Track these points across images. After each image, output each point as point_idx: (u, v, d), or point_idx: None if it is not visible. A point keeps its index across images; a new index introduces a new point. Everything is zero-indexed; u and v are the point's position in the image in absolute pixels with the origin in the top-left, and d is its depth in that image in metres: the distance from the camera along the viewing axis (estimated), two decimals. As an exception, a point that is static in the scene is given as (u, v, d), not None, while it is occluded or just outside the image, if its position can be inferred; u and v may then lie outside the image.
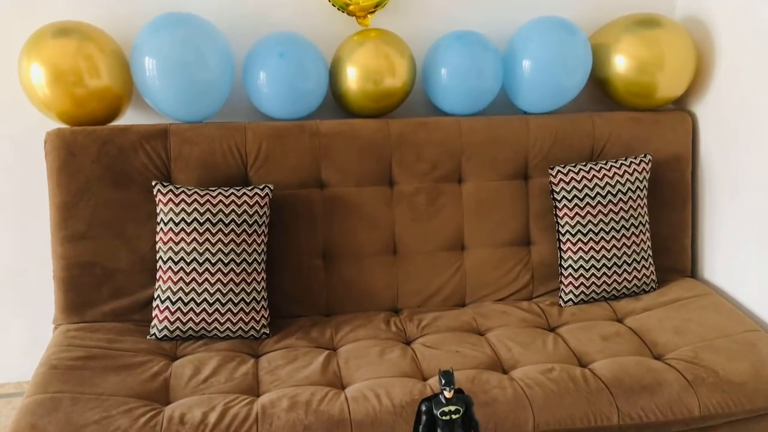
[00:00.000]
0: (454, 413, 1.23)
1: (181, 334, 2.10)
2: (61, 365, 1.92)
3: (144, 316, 2.17)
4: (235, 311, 2.10)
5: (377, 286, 2.35)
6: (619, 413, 1.87)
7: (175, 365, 2.00)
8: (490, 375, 1.95)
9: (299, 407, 1.81)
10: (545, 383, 1.91)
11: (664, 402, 1.89)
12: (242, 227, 2.11)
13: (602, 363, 2.01)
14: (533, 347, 2.11)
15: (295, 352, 2.09)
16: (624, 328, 2.22)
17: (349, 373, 2.00)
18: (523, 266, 2.43)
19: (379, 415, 1.80)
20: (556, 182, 2.32)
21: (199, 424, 1.74)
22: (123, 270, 2.17)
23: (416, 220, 2.36)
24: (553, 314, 2.32)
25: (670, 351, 2.07)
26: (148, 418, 1.75)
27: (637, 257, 2.34)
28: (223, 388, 1.90)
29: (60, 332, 2.09)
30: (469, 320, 2.28)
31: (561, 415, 1.85)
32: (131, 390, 1.86)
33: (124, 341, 2.07)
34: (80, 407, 1.76)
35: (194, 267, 2.07)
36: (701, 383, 1.92)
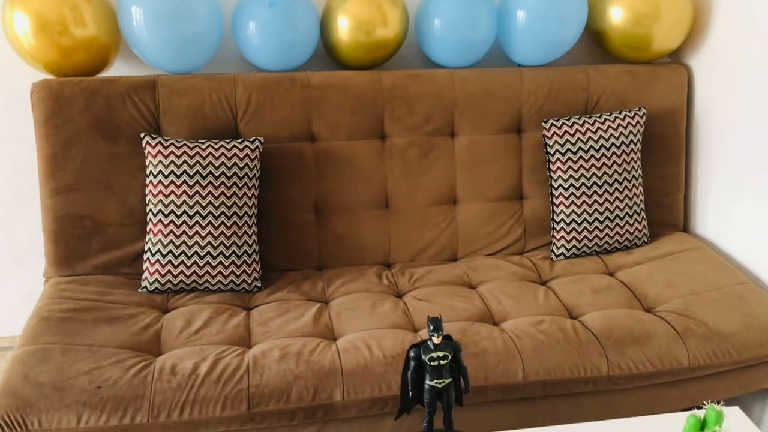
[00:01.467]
0: (443, 359, 1.23)
1: (173, 287, 2.10)
2: (52, 317, 1.92)
3: (135, 269, 2.17)
4: (227, 264, 2.09)
5: (369, 240, 2.35)
6: (609, 364, 1.88)
7: (166, 317, 2.00)
8: (480, 327, 1.96)
9: (290, 358, 1.81)
10: (535, 335, 1.92)
11: (654, 353, 1.90)
12: (232, 180, 2.09)
13: (593, 315, 2.02)
14: (524, 300, 2.11)
15: (287, 304, 2.09)
16: (615, 281, 2.22)
17: (340, 325, 2.00)
18: (515, 221, 2.42)
19: (369, 365, 1.81)
20: (550, 136, 2.30)
21: (191, 374, 1.75)
22: (113, 223, 2.16)
23: (408, 174, 2.34)
24: (544, 268, 2.32)
25: (661, 303, 2.08)
26: (139, 369, 1.75)
27: (630, 211, 2.34)
28: (214, 339, 1.91)
29: (51, 285, 2.09)
30: (461, 274, 2.29)
31: (551, 366, 1.86)
32: (122, 341, 1.86)
33: (114, 294, 2.07)
34: (71, 358, 1.76)
35: (184, 220, 2.06)
36: (691, 335, 1.94)
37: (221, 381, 1.74)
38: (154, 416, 1.69)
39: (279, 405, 1.75)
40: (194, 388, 1.72)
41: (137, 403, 1.69)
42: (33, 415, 1.65)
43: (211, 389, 1.73)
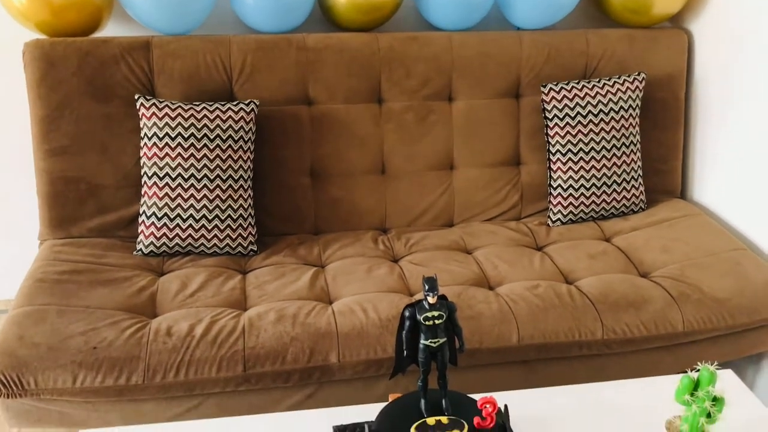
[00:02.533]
0: (437, 318, 1.23)
1: (168, 250, 2.09)
2: (48, 279, 1.91)
3: (130, 232, 2.16)
4: (222, 228, 2.09)
5: (365, 205, 2.34)
6: (604, 328, 1.89)
7: (161, 280, 2.00)
8: (476, 291, 1.96)
9: (286, 320, 1.81)
10: (531, 299, 1.92)
11: (649, 317, 1.91)
12: (227, 143, 2.07)
13: (588, 280, 2.03)
14: (520, 265, 2.11)
15: (283, 268, 2.08)
16: (611, 247, 2.22)
17: (336, 288, 2.00)
18: (512, 186, 2.41)
19: (365, 328, 1.82)
20: (548, 100, 2.28)
21: (186, 336, 1.75)
22: (108, 185, 2.14)
23: (405, 138, 2.32)
24: (540, 234, 2.32)
25: (657, 269, 2.08)
26: (135, 330, 1.75)
27: (627, 177, 2.33)
28: (210, 302, 1.91)
29: (46, 247, 2.08)
30: (457, 239, 2.28)
31: (546, 330, 1.87)
32: (117, 303, 1.86)
33: (110, 256, 2.06)
34: (66, 319, 1.76)
35: (179, 183, 2.05)
36: (686, 300, 1.94)
37: (217, 342, 1.74)
38: (150, 377, 1.70)
39: (274, 366, 1.75)
40: (190, 350, 1.72)
41: (133, 364, 1.70)
42: (29, 374, 1.66)
43: (207, 351, 1.73)
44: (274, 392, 1.81)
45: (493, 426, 1.25)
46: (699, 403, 1.25)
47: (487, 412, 1.24)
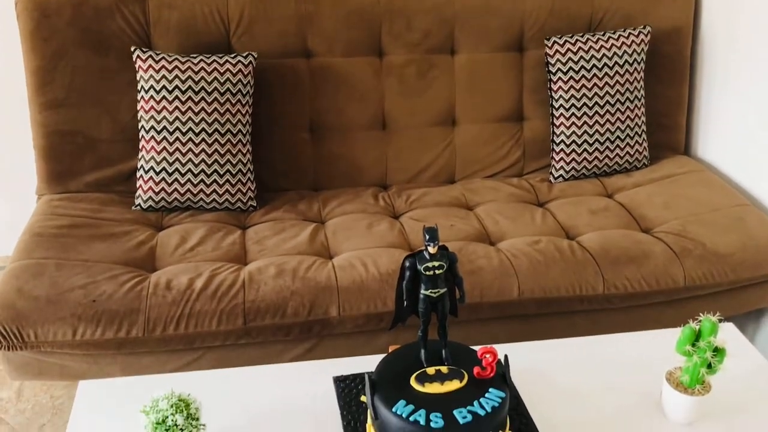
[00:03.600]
0: (438, 269, 1.22)
1: (167, 204, 2.07)
2: (46, 233, 1.90)
3: (128, 187, 2.14)
4: (221, 182, 2.07)
5: (365, 161, 2.31)
6: (605, 283, 1.88)
7: (160, 235, 1.99)
8: (476, 246, 1.95)
9: (286, 274, 1.81)
10: (531, 254, 1.91)
11: (650, 272, 1.90)
12: (225, 96, 2.04)
13: (590, 236, 2.01)
14: (521, 221, 2.10)
15: (283, 224, 2.07)
16: (613, 203, 2.20)
17: (336, 244, 1.99)
18: (514, 142, 2.38)
19: (365, 282, 1.81)
20: (552, 54, 2.24)
21: (186, 290, 1.74)
22: (105, 139, 2.12)
23: (406, 93, 2.29)
24: (542, 190, 2.30)
25: (659, 225, 2.07)
26: (134, 284, 1.75)
27: (631, 133, 2.30)
28: (209, 256, 1.90)
29: (43, 202, 2.07)
30: (458, 195, 2.26)
31: (546, 284, 1.86)
32: (116, 257, 1.85)
33: (108, 211, 2.04)
34: (65, 273, 1.76)
35: (177, 137, 2.02)
36: (688, 255, 1.93)
37: (217, 296, 1.74)
38: (150, 330, 1.70)
39: (275, 320, 1.75)
40: (190, 303, 1.72)
41: (132, 317, 1.69)
42: (29, 327, 1.66)
43: (207, 304, 1.73)
44: (274, 346, 1.81)
45: (493, 376, 1.24)
46: (700, 354, 1.24)
47: (487, 362, 1.24)
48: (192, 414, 1.17)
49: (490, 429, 1.17)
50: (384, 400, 1.19)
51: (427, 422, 1.15)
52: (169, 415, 1.15)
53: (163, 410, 1.15)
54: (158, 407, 1.16)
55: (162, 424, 1.14)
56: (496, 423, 1.17)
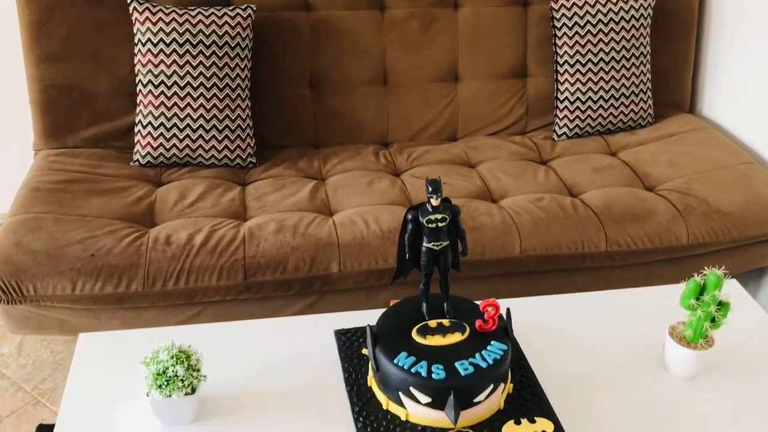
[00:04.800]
0: (441, 221, 1.20)
1: (165, 160, 2.05)
2: (43, 188, 1.88)
3: (126, 143, 2.11)
4: (220, 138, 2.04)
5: (366, 118, 2.28)
6: (607, 240, 1.87)
7: (159, 191, 1.97)
8: (478, 203, 1.93)
9: (287, 230, 1.79)
10: (534, 211, 1.89)
11: (653, 230, 1.88)
12: (224, 50, 2.00)
13: (593, 193, 1.99)
14: (524, 178, 2.08)
15: (283, 181, 2.05)
16: (617, 161, 2.18)
17: (337, 201, 1.97)
18: (517, 99, 2.35)
19: (366, 238, 1.80)
20: (557, 8, 2.20)
21: (185, 245, 1.73)
22: (102, 94, 2.08)
23: (408, 48, 2.24)
24: (546, 148, 2.27)
25: (663, 183, 2.05)
26: (133, 239, 1.73)
27: (636, 90, 2.26)
28: (209, 212, 1.88)
29: (41, 157, 2.04)
30: (460, 153, 2.24)
31: (548, 241, 1.85)
32: (115, 213, 1.83)
33: (106, 167, 2.02)
34: (64, 227, 1.74)
35: (175, 91, 1.99)
36: (691, 212, 1.91)
37: (217, 251, 1.73)
38: (150, 285, 1.69)
39: (275, 275, 1.74)
40: (189, 258, 1.71)
41: (132, 272, 1.68)
42: (28, 281, 1.65)
43: (207, 259, 1.71)
44: (275, 301, 1.81)
45: (495, 329, 1.23)
46: (704, 308, 1.23)
47: (489, 315, 1.23)
48: (193, 365, 1.17)
49: (492, 381, 1.16)
50: (385, 352, 1.19)
51: (429, 374, 1.15)
52: (169, 366, 1.14)
53: (163, 361, 1.14)
54: (158, 358, 1.15)
55: (162, 375, 1.14)
56: (498, 375, 1.17)
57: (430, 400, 1.15)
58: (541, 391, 1.24)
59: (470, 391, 1.14)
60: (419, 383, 1.14)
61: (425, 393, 1.15)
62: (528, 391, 1.24)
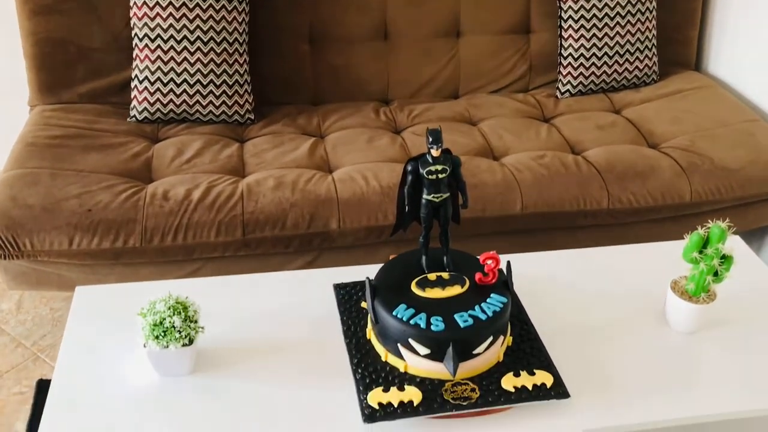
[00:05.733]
0: (441, 173, 1.18)
1: (162, 116, 2.02)
2: (39, 143, 1.86)
3: (123, 98, 2.08)
4: (218, 94, 2.01)
5: (367, 74, 2.24)
6: (610, 197, 1.85)
7: (157, 147, 1.95)
8: (480, 161, 1.91)
9: (285, 186, 1.77)
10: (536, 168, 1.87)
11: (656, 187, 1.86)
12: (221, 3, 1.96)
13: (596, 150, 1.97)
14: (526, 136, 2.05)
15: (281, 137, 2.02)
16: (621, 118, 2.15)
17: (336, 158, 1.95)
18: (520, 56, 2.30)
19: (366, 195, 1.78)
20: (562, -39, 2.15)
21: (183, 200, 1.71)
22: (98, 48, 2.04)
23: (409, 2, 2.20)
24: (548, 105, 2.24)
25: (667, 140, 2.02)
26: (131, 194, 1.72)
27: (641, 46, 2.22)
28: (207, 168, 1.86)
29: (36, 113, 2.02)
30: (462, 111, 2.21)
31: (550, 198, 1.83)
32: (112, 168, 1.81)
33: (103, 122, 2.00)
34: (60, 182, 1.72)
35: (172, 45, 1.95)
36: (695, 169, 1.89)
37: (215, 207, 1.71)
38: (147, 240, 1.68)
39: (274, 232, 1.73)
40: (187, 213, 1.69)
41: (129, 227, 1.67)
42: (24, 236, 1.63)
43: (205, 215, 1.70)
44: (274, 258, 1.80)
45: (495, 282, 1.22)
46: (707, 261, 1.22)
47: (489, 268, 1.21)
48: (190, 316, 1.16)
49: (491, 333, 1.15)
50: (384, 304, 1.18)
51: (428, 325, 1.14)
52: (166, 317, 1.13)
53: (160, 312, 1.13)
54: (155, 309, 1.14)
55: (159, 326, 1.13)
56: (497, 327, 1.16)
57: (428, 352, 1.14)
58: (540, 345, 1.23)
59: (469, 343, 1.14)
60: (418, 335, 1.14)
61: (424, 345, 1.14)
62: (528, 345, 1.23)
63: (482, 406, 1.12)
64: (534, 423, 1.12)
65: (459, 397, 1.12)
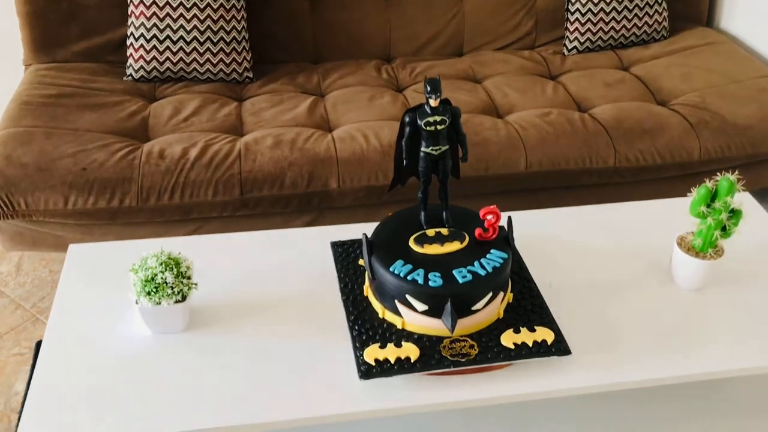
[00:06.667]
0: (439, 124, 1.14)
1: (159, 75, 1.98)
2: (34, 102, 1.82)
3: (119, 57, 2.04)
4: (215, 51, 1.96)
5: (368, 31, 2.19)
6: (616, 155, 1.80)
7: (153, 106, 1.91)
8: (483, 118, 1.87)
9: (284, 145, 1.74)
10: (541, 125, 1.82)
11: (664, 145, 1.82)
12: (218, -44, 1.91)
13: (603, 108, 1.92)
14: (531, 93, 2.00)
15: (280, 96, 1.98)
16: (629, 75, 2.09)
17: (336, 116, 1.91)
18: (526, 12, 2.24)
19: (366, 153, 1.74)
20: None
21: (180, 159, 1.68)
22: (92, 5, 2.00)
23: (411, -44, 2.14)
24: (555, 62, 2.18)
25: (676, 97, 1.97)
26: (126, 153, 1.69)
27: (650, 1, 2.15)
28: (204, 127, 1.82)
29: (30, 72, 1.98)
30: (466, 68, 2.15)
31: (555, 156, 1.78)
32: (108, 127, 1.78)
33: (99, 81, 1.96)
34: (55, 141, 1.69)
35: (168, 1, 1.90)
36: (705, 126, 1.84)
37: (212, 166, 1.68)
38: (144, 199, 1.65)
39: (272, 191, 1.70)
40: (184, 172, 1.66)
41: (125, 186, 1.64)
42: (18, 195, 1.61)
43: (202, 173, 1.67)
44: (273, 218, 1.77)
45: (496, 237, 1.19)
46: (715, 215, 1.18)
47: (489, 223, 1.18)
48: (183, 272, 1.13)
49: (491, 289, 1.12)
50: (381, 260, 1.15)
51: (426, 281, 1.11)
52: (158, 272, 1.11)
53: (152, 268, 1.11)
54: (147, 265, 1.11)
55: (151, 282, 1.10)
56: (497, 283, 1.13)
57: (426, 308, 1.11)
58: (542, 301, 1.20)
59: (468, 299, 1.11)
60: (416, 291, 1.11)
61: (422, 301, 1.11)
62: (529, 301, 1.20)
63: (481, 362, 1.09)
64: (534, 380, 1.10)
65: (457, 354, 1.10)
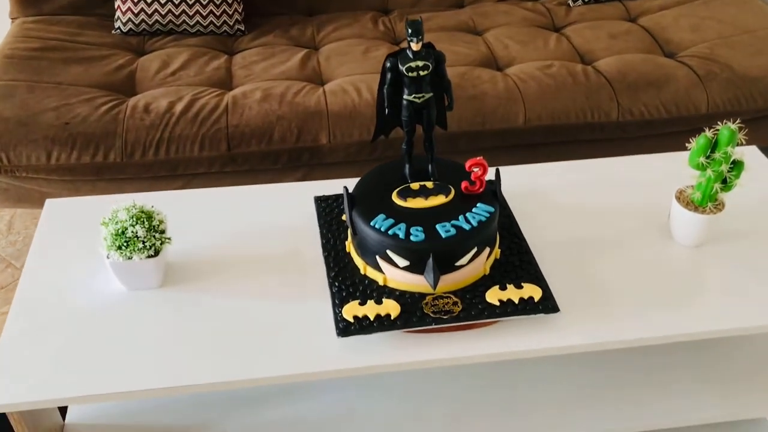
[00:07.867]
0: (422, 69, 1.07)
1: (148, 28, 1.92)
2: (17, 55, 1.78)
3: (108, 9, 1.98)
4: (204, 3, 1.90)
5: (365, -19, 2.11)
6: (620, 109, 1.73)
7: (141, 59, 1.86)
8: (482, 71, 1.80)
9: (273, 99, 1.68)
10: (541, 78, 1.75)
11: (670, 98, 1.74)
12: None
13: (607, 60, 1.84)
14: (533, 45, 1.92)
15: (272, 49, 1.92)
16: (636, 26, 2.00)
17: (329, 69, 1.85)
18: (530, -39, 2.15)
19: (357, 108, 1.68)
20: None
21: (165, 113, 1.63)
22: (77, -45, 1.94)
23: None
24: (559, 14, 2.10)
25: (684, 48, 1.88)
26: (110, 107, 1.64)
27: (661, -52, 2.06)
28: (192, 81, 1.77)
29: (16, 25, 1.93)
30: (467, 20, 2.07)
31: (555, 110, 1.71)
32: (93, 81, 1.73)
33: (86, 35, 1.90)
34: (37, 95, 1.65)
35: (154, -50, 1.84)
36: (713, 78, 1.76)
37: (198, 120, 1.63)
38: (128, 154, 1.61)
39: (260, 146, 1.65)
40: (169, 127, 1.61)
41: (109, 141, 1.60)
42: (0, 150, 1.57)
43: (187, 128, 1.62)
44: (263, 175, 1.72)
45: (483, 191, 1.13)
46: (715, 167, 1.11)
47: (476, 175, 1.12)
48: (155, 226, 1.09)
49: (475, 244, 1.07)
50: (362, 215, 1.10)
51: (407, 236, 1.06)
52: (128, 226, 1.06)
53: (122, 221, 1.07)
54: (117, 219, 1.07)
55: (121, 235, 1.06)
56: (482, 238, 1.08)
57: (408, 264, 1.06)
58: (531, 258, 1.15)
59: (451, 254, 1.06)
60: (397, 246, 1.06)
61: (403, 256, 1.06)
62: (517, 258, 1.15)
63: (464, 320, 1.05)
64: (520, 339, 1.05)
65: (440, 311, 1.05)
